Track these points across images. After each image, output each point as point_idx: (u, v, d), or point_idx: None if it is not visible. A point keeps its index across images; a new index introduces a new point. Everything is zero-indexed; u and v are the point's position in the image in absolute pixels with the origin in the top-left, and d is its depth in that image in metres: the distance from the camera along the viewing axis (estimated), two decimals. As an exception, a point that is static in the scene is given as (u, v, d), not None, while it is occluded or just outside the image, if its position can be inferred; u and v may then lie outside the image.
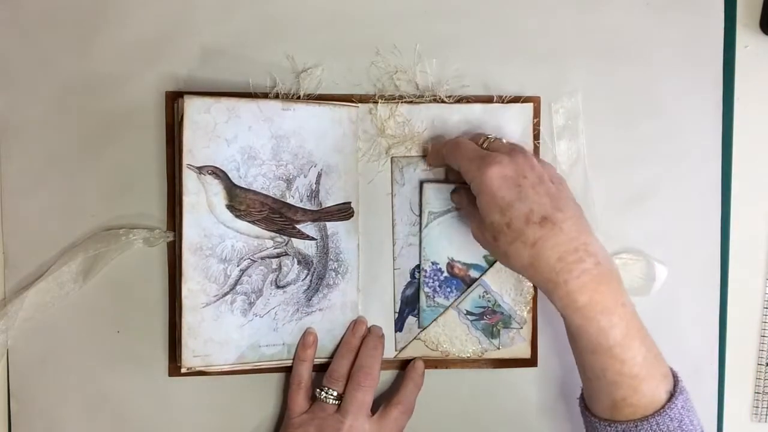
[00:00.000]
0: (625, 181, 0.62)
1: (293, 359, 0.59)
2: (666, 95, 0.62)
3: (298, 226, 0.58)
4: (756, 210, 0.63)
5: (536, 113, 0.60)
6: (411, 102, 0.60)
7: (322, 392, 0.57)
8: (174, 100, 0.58)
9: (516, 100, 0.60)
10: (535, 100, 0.60)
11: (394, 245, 0.61)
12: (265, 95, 0.58)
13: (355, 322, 0.60)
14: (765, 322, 0.63)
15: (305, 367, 0.58)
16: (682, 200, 0.62)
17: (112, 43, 0.59)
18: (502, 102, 0.60)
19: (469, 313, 0.61)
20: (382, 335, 0.60)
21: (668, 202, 0.62)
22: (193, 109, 0.54)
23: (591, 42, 0.61)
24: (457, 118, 0.60)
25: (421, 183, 0.60)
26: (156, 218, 0.59)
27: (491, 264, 0.61)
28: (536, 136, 0.60)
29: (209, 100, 0.55)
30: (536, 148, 0.60)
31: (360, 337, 0.60)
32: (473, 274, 0.61)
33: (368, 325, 0.61)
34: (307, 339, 0.59)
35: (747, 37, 0.62)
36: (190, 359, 0.55)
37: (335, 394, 0.57)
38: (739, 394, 0.64)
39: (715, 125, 0.62)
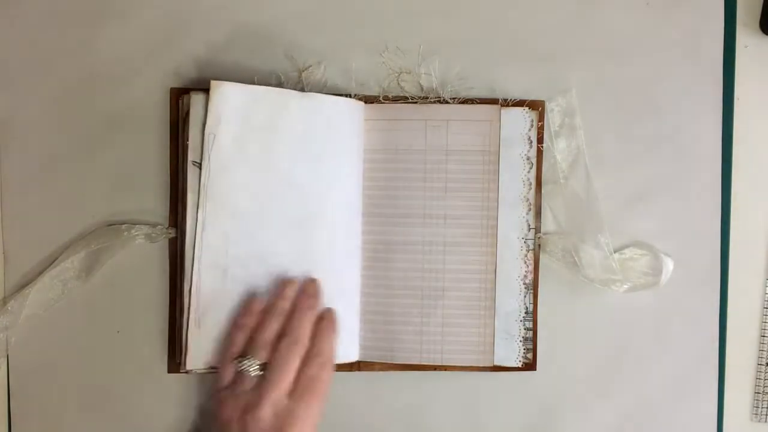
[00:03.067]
0: (624, 182, 0.62)
1: (231, 325, 0.54)
2: (666, 95, 0.62)
3: None
4: (756, 210, 0.63)
5: (540, 117, 0.60)
6: (415, 103, 0.60)
7: (244, 362, 0.50)
8: (179, 97, 0.58)
9: (521, 103, 0.60)
10: (540, 104, 0.60)
11: None
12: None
13: (284, 282, 0.54)
14: (765, 322, 0.63)
15: (243, 336, 0.52)
16: (681, 200, 0.62)
17: (113, 43, 0.59)
18: (507, 105, 0.60)
19: None
20: (315, 292, 0.54)
21: (668, 203, 0.62)
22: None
23: (591, 42, 0.61)
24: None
25: None
26: (158, 214, 0.59)
27: None
28: (540, 140, 0.60)
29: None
30: (540, 152, 0.60)
31: (290, 299, 0.54)
32: None
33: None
34: (252, 304, 0.54)
35: (747, 37, 0.62)
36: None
37: (258, 364, 0.50)
38: (739, 394, 0.63)
39: (715, 125, 0.62)
